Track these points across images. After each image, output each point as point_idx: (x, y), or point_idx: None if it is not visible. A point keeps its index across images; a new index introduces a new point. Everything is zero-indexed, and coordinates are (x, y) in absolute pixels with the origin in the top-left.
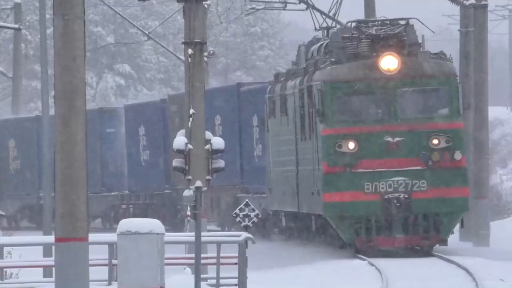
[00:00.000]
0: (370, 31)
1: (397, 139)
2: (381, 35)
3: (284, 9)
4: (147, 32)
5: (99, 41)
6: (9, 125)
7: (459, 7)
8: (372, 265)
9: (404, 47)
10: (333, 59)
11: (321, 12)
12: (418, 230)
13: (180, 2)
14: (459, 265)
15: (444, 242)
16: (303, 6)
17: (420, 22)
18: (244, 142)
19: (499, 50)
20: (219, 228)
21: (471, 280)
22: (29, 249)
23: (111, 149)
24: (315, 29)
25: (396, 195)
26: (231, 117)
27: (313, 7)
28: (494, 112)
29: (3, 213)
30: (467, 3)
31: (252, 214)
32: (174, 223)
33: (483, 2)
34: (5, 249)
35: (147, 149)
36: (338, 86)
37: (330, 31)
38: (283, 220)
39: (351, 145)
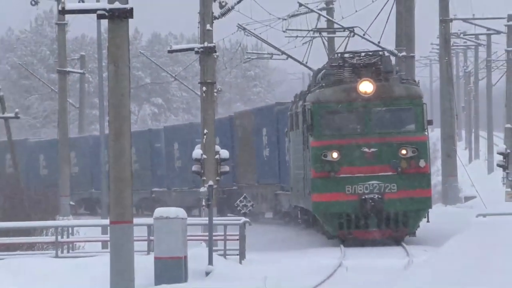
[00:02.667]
0: (352, 61)
1: (372, 149)
2: (361, 64)
3: (271, 59)
4: (174, 75)
5: (139, 81)
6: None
7: (394, 57)
8: (329, 241)
9: (379, 74)
10: (323, 84)
11: (296, 60)
12: (390, 225)
13: (197, 54)
14: (399, 244)
15: (413, 234)
16: (284, 56)
17: (395, 53)
18: (280, 149)
19: (423, 88)
20: (272, 216)
21: (404, 251)
22: (91, 229)
23: None
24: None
25: (371, 195)
26: (272, 129)
27: (291, 57)
28: None
29: (73, 203)
30: (400, 54)
31: (249, 204)
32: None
33: (411, 54)
34: (75, 228)
35: None
36: (324, 106)
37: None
38: (299, 214)
39: (335, 154)
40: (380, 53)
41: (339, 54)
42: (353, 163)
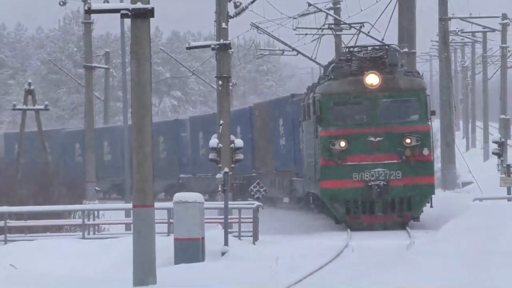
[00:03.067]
0: (359, 54)
1: (378, 138)
2: (367, 58)
3: (282, 54)
4: (192, 70)
5: (160, 76)
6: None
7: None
8: (336, 224)
9: (385, 67)
10: (331, 76)
11: (306, 56)
12: (395, 210)
13: (213, 50)
14: (403, 228)
15: (417, 218)
16: (294, 52)
17: (398, 48)
18: (296, 138)
19: None
20: (287, 199)
21: (407, 233)
22: (115, 212)
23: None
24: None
25: (377, 182)
26: (288, 120)
27: (301, 53)
28: None
29: (99, 189)
30: (402, 50)
31: (262, 190)
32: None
33: (412, 50)
34: (100, 212)
35: None
36: (332, 97)
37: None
38: (311, 199)
39: (342, 143)
40: (386, 47)
41: (347, 49)
42: (360, 151)
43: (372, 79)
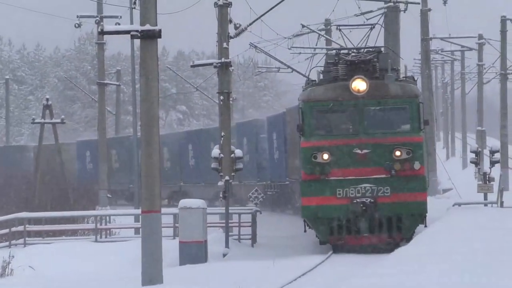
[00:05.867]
0: (347, 57)
1: (364, 151)
2: (356, 61)
3: (278, 72)
4: (196, 86)
5: (166, 91)
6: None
7: None
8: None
9: (375, 71)
10: (316, 81)
11: (300, 73)
12: (383, 230)
13: (215, 68)
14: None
15: (409, 239)
16: (289, 70)
17: (392, 50)
18: None
19: None
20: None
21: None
22: (125, 217)
23: (263, 151)
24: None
25: (364, 199)
26: None
27: (296, 70)
28: None
29: (110, 195)
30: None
31: (260, 196)
32: (291, 203)
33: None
34: (112, 217)
35: (277, 150)
36: (314, 105)
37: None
38: None
39: (325, 156)
40: (378, 49)
41: (335, 50)
42: (344, 165)
43: (359, 84)
